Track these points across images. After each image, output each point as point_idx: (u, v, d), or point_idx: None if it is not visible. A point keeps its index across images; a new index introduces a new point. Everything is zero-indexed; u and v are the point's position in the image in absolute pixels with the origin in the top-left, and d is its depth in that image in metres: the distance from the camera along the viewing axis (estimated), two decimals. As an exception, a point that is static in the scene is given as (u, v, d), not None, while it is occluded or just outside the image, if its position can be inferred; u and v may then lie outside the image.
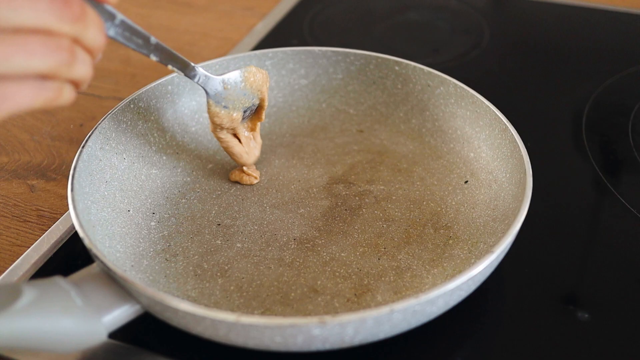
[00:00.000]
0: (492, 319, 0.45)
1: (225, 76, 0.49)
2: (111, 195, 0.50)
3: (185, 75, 0.47)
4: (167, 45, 0.43)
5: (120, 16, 0.38)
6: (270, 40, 0.76)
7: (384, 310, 0.36)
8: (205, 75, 0.48)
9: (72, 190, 0.44)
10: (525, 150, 0.47)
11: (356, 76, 0.60)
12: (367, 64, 0.59)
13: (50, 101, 0.34)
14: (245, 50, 0.74)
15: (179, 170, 0.56)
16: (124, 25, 0.39)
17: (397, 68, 0.58)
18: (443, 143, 0.56)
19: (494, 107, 0.52)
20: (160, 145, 0.56)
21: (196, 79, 0.47)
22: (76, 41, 0.34)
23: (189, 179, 0.55)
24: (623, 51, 0.75)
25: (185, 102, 0.58)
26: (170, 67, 0.45)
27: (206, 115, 0.59)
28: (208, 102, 0.49)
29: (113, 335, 0.40)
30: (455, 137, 0.56)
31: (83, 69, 0.35)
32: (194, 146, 0.58)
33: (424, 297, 0.37)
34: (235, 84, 0.50)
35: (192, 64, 0.47)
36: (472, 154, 0.54)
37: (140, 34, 0.41)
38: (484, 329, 0.44)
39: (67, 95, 0.35)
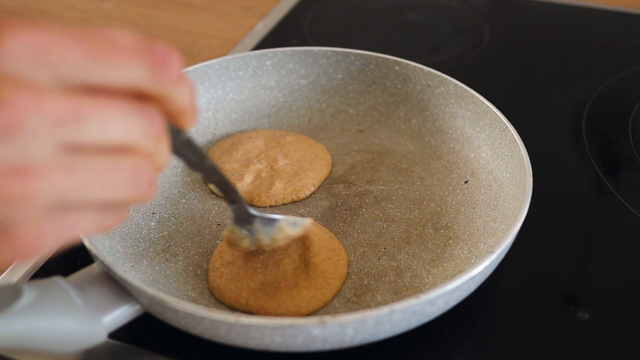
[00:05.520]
0: (492, 319, 0.45)
1: (268, 218, 0.44)
2: (111, 195, 0.49)
3: (229, 203, 0.42)
4: (220, 170, 0.38)
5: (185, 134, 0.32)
6: (270, 40, 0.76)
7: (384, 310, 0.36)
8: (247, 213, 0.42)
9: (72, 190, 0.44)
10: (525, 150, 0.47)
11: (356, 76, 0.60)
12: (367, 64, 0.59)
13: (107, 229, 0.28)
14: (245, 50, 0.74)
15: (179, 170, 0.56)
16: (186, 143, 0.33)
17: (397, 68, 0.58)
18: (443, 143, 0.56)
19: (494, 107, 0.52)
20: (160, 145, 0.56)
21: (235, 207, 0.42)
22: (149, 160, 0.28)
23: (188, 179, 0.55)
24: (623, 51, 0.75)
25: (185, 102, 0.58)
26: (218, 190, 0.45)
27: (205, 115, 0.59)
28: (232, 228, 0.43)
29: (113, 335, 0.40)
30: (455, 137, 0.56)
31: (152, 195, 0.28)
32: (194, 146, 0.58)
33: (424, 297, 0.37)
34: (268, 233, 0.44)
35: (241, 198, 0.41)
36: (472, 154, 0.54)
37: (197, 152, 0.34)
38: (484, 329, 0.44)
39: (122, 219, 0.28)
